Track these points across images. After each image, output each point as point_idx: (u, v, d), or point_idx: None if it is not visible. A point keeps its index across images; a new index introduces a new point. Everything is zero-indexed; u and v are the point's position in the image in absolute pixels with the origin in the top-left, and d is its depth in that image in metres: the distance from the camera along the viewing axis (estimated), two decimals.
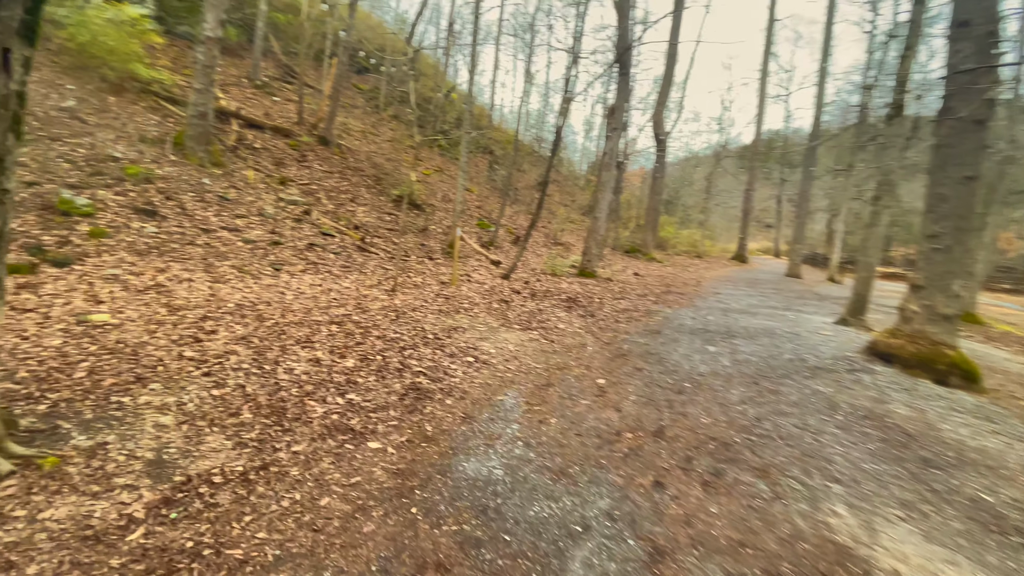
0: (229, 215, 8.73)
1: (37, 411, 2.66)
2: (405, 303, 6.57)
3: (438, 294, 7.53)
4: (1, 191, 1.92)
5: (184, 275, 6.29)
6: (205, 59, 9.74)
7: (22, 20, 1.79)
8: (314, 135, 13.94)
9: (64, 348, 3.60)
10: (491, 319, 6.49)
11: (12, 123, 1.87)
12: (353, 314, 5.61)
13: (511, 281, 9.92)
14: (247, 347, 4.13)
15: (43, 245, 5.85)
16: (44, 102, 8.69)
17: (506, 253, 13.48)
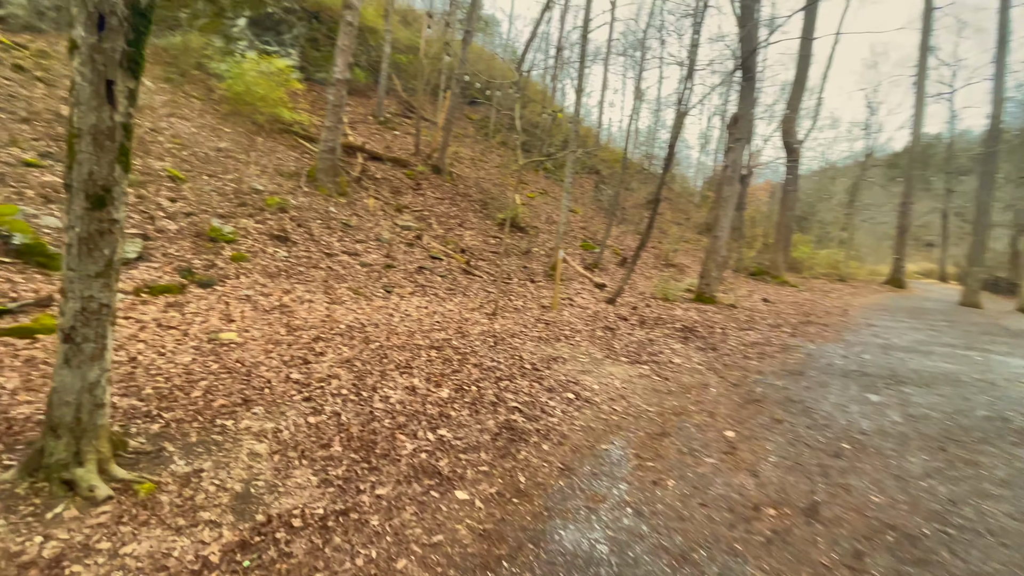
0: (350, 240, 9.33)
1: (150, 431, 2.76)
2: (504, 328, 6.33)
3: (538, 319, 7.19)
4: (110, 221, 1.97)
5: (306, 296, 6.73)
6: (335, 99, 10.70)
7: (124, 52, 1.83)
8: (428, 164, 14.68)
9: (191, 366, 3.85)
10: (595, 349, 5.97)
11: (119, 155, 1.92)
12: (453, 339, 5.48)
13: (617, 306, 9.28)
14: (349, 371, 4.12)
15: (193, 268, 6.64)
16: (205, 144, 10.13)
17: (612, 276, 12.82)
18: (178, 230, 7.36)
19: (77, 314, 2.01)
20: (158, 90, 11.50)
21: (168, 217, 7.49)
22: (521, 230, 13.42)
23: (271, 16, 15.28)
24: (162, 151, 9.15)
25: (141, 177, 8.03)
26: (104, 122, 1.82)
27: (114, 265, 2.03)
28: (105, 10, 1.74)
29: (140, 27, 1.83)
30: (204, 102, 12.16)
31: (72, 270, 1.96)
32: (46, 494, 2.07)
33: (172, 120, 10.49)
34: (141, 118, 9.81)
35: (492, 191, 15.19)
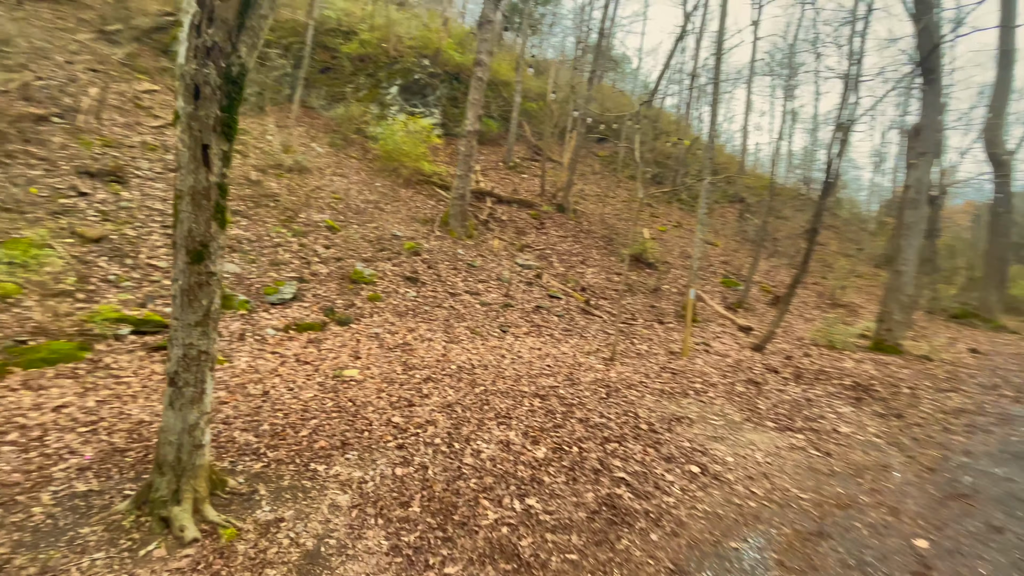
0: (473, 280, 9.62)
1: (251, 470, 2.89)
2: (621, 377, 5.75)
3: (664, 367, 6.43)
4: (208, 274, 2.10)
5: (427, 334, 6.97)
6: (465, 150, 11.39)
7: (218, 117, 1.96)
8: (553, 204, 14.79)
9: (310, 403, 4.08)
10: (732, 408, 5.06)
11: (214, 212, 2.05)
12: (561, 386, 5.10)
13: (765, 354, 7.97)
14: (448, 417, 4.00)
15: (335, 307, 7.35)
16: (358, 197, 11.46)
17: (760, 317, 11.23)
18: (328, 273, 8.27)
19: (180, 360, 2.17)
20: (325, 154, 13.46)
21: (321, 262, 8.48)
22: (649, 266, 12.61)
23: (418, 82, 17.11)
24: (323, 205, 10.54)
25: (304, 228, 9.29)
26: (200, 183, 1.97)
27: (212, 315, 2.16)
28: (200, 81, 1.90)
29: (232, 94, 1.98)
30: (360, 161, 13.91)
31: (176, 319, 2.13)
32: (146, 529, 2.20)
33: (334, 179, 12.11)
34: (309, 178, 11.52)
35: (618, 227, 14.67)
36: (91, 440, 3.02)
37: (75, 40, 11.66)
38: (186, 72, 1.88)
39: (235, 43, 1.88)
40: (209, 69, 1.87)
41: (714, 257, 14.94)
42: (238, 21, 1.86)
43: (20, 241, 6.08)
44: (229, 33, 1.86)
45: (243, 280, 7.21)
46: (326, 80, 16.25)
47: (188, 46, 1.86)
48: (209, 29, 1.83)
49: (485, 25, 11.15)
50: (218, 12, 1.82)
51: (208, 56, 1.86)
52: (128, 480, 2.62)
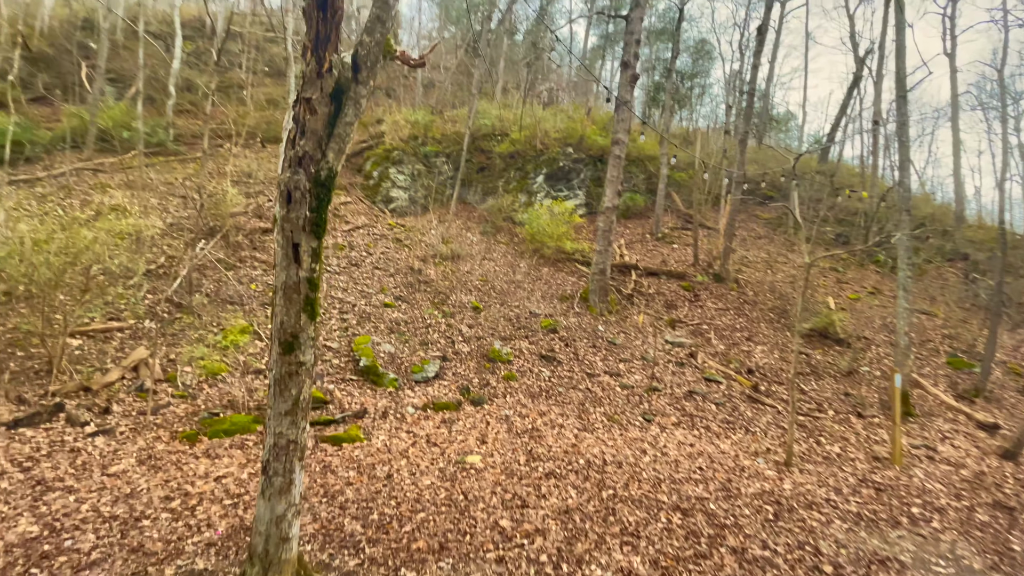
0: (614, 359, 9.00)
1: (346, 567, 2.76)
2: (799, 490, 4.48)
3: (864, 479, 4.88)
4: (298, 364, 2.16)
5: (558, 420, 6.54)
6: (604, 225, 11.27)
7: (307, 218, 2.08)
8: (709, 274, 13.56)
9: (424, 492, 3.96)
10: (969, 548, 3.48)
11: (304, 305, 2.13)
12: (712, 498, 4.14)
13: (1022, 464, 5.62)
14: (563, 527, 3.47)
15: (471, 387, 7.43)
16: (502, 278, 11.97)
17: (1010, 410, 8.20)
18: (469, 352, 8.54)
19: (271, 448, 2.21)
20: (478, 242, 14.62)
21: (464, 341, 8.83)
22: (839, 342, 10.42)
23: (562, 168, 18.00)
24: (471, 287, 11.23)
25: (452, 309, 9.91)
26: (291, 278, 2.09)
27: (301, 404, 2.19)
28: (292, 187, 2.06)
29: (321, 195, 2.11)
30: (508, 245, 14.75)
31: (270, 408, 2.20)
32: None
33: (483, 263, 12.97)
34: (461, 264, 12.50)
35: (791, 296, 12.67)
36: (229, 514, 3.29)
37: None
38: (281, 180, 2.08)
39: (324, 150, 2.04)
40: (300, 175, 2.03)
41: (932, 330, 11.78)
42: (327, 131, 2.03)
43: (233, 329, 7.52)
44: (319, 142, 2.03)
45: (395, 359, 7.80)
46: (481, 178, 18.07)
47: (284, 158, 2.06)
48: (301, 140, 2.01)
49: (621, 107, 11.34)
50: (309, 125, 2.00)
51: (300, 164, 2.03)
52: (239, 563, 2.71)
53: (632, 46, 11.09)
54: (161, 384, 5.99)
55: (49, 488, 3.47)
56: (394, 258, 11.88)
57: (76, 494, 3.46)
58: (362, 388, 6.93)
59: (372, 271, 10.99)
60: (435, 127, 18.41)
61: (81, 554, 2.74)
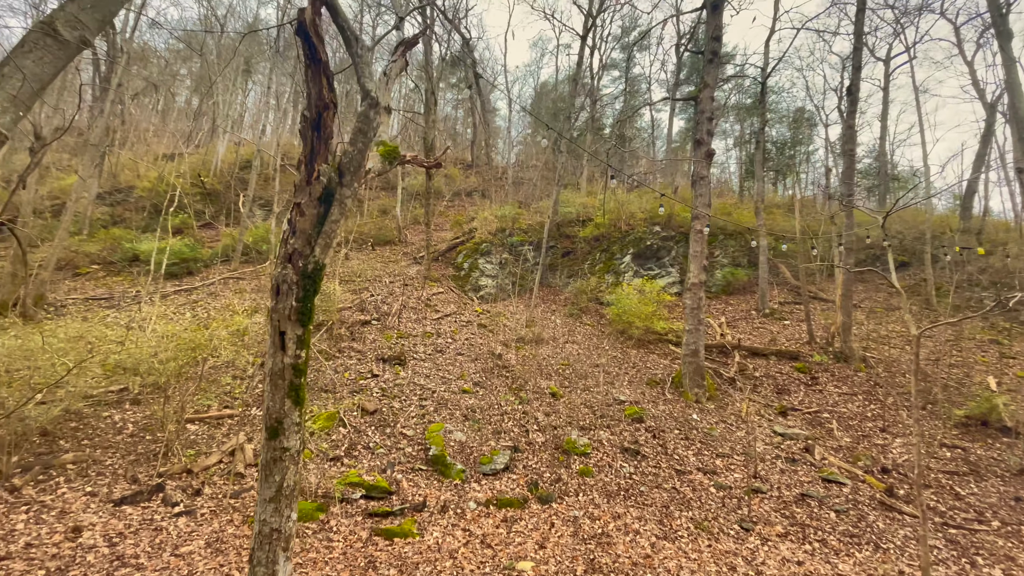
0: (709, 454, 7.95)
1: None
2: None
3: None
4: (282, 449, 2.20)
5: (634, 524, 5.75)
6: (692, 303, 10.62)
7: (293, 307, 2.23)
8: (828, 352, 11.89)
9: None
10: None
11: (288, 390, 2.22)
12: None
13: None
14: None
15: (540, 481, 6.94)
16: (585, 362, 11.54)
17: None
18: (543, 442, 8.14)
19: (255, 537, 2.21)
20: (562, 324, 14.51)
21: (539, 430, 8.47)
22: (1005, 432, 8.23)
23: (650, 247, 17.72)
24: (551, 371, 10.98)
25: (529, 396, 9.69)
26: (277, 364, 2.21)
27: (284, 491, 2.20)
28: (280, 280, 2.25)
29: (307, 287, 2.27)
30: (593, 328, 14.42)
31: (258, 495, 2.24)
32: None
33: (565, 346, 12.74)
34: (543, 348, 12.38)
35: (939, 376, 10.50)
36: None
37: (398, 266, 16.61)
38: (273, 275, 2.29)
39: (312, 246, 2.24)
40: (288, 270, 2.23)
41: None
42: (316, 229, 2.23)
43: (321, 416, 8.03)
44: (308, 239, 2.23)
45: (465, 448, 7.67)
46: (567, 262, 18.38)
47: (276, 255, 2.29)
48: (292, 239, 2.23)
49: (699, 182, 11.10)
50: (299, 225, 2.23)
51: (289, 260, 2.23)
52: None
53: (704, 124, 11.06)
54: (250, 468, 6.47)
55: (124, 564, 3.79)
56: (477, 343, 12.15)
57: (143, 572, 3.73)
58: (429, 479, 6.84)
59: (455, 357, 11.30)
60: (522, 219, 19.44)
61: None
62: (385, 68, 2.98)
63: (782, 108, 29.31)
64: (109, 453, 6.16)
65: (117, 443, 6.41)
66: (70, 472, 5.48)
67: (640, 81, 32.61)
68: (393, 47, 3.64)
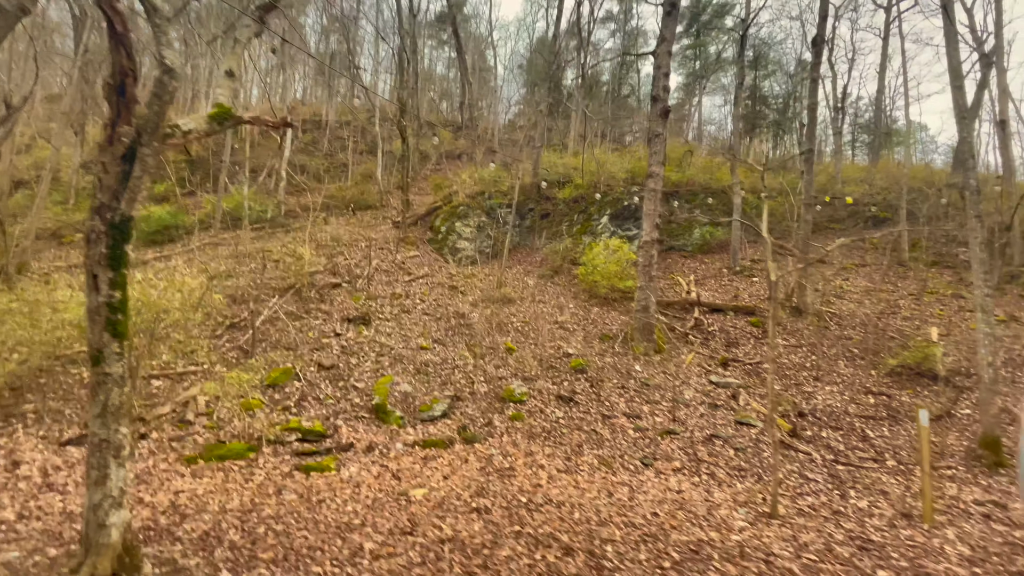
0: (640, 401, 8.39)
1: (184, 564, 3.06)
2: (748, 542, 3.73)
3: (854, 537, 3.89)
4: (104, 374, 2.62)
5: (542, 461, 6.26)
6: (643, 260, 10.86)
7: (103, 254, 2.59)
8: (785, 308, 12.11)
9: (329, 516, 4.14)
10: None
11: (106, 325, 2.61)
12: (621, 542, 3.65)
13: None
14: (417, 553, 3.39)
15: (471, 426, 7.48)
16: (548, 319, 11.92)
17: None
18: (485, 392, 8.64)
19: (89, 446, 2.66)
20: (534, 285, 14.83)
21: (485, 381, 8.96)
22: (938, 381, 8.50)
23: (627, 207, 17.75)
24: (512, 329, 11.39)
25: (484, 351, 10.15)
26: (93, 303, 2.60)
27: (109, 408, 2.64)
28: (90, 231, 2.61)
29: (115, 236, 2.62)
30: (565, 288, 14.73)
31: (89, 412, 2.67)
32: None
33: (532, 305, 13.10)
34: (511, 307, 12.75)
35: (890, 329, 10.71)
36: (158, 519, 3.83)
37: (377, 231, 16.94)
38: (85, 226, 2.65)
39: (119, 200, 2.58)
40: (96, 222, 2.58)
41: None
42: (121, 185, 2.57)
43: (279, 369, 8.57)
44: (114, 194, 2.57)
45: (408, 398, 8.19)
46: (546, 224, 18.47)
47: (89, 208, 2.64)
48: (99, 194, 2.58)
49: (654, 139, 11.11)
50: (105, 182, 2.56)
51: (98, 212, 2.59)
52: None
53: (660, 80, 10.98)
54: (201, 417, 7.07)
55: (51, 489, 4.37)
56: (445, 304, 12.55)
57: (67, 496, 4.31)
58: (368, 425, 7.39)
59: (421, 317, 11.74)
60: (503, 182, 19.46)
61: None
62: (236, 33, 3.23)
63: (779, 60, 28.29)
64: (71, 404, 6.78)
65: (80, 396, 7.03)
66: (29, 420, 6.11)
67: (637, 35, 31.55)
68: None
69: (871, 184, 18.96)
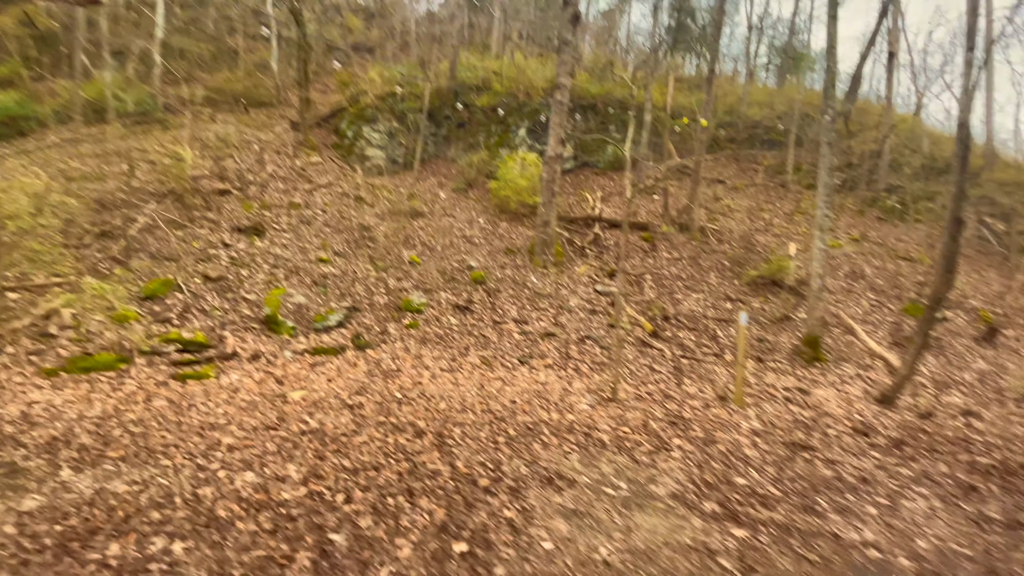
0: (531, 309, 8.98)
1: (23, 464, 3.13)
2: (586, 420, 4.43)
3: (672, 415, 4.75)
4: None
5: (428, 362, 6.72)
6: (547, 176, 11.00)
7: None
8: (675, 225, 13.03)
9: (195, 417, 4.29)
10: (677, 477, 3.36)
11: None
12: (474, 423, 4.20)
13: (896, 409, 5.23)
14: (275, 444, 3.70)
15: (365, 334, 7.73)
16: (457, 234, 12.01)
17: (952, 358, 7.54)
18: (385, 303, 8.80)
19: None
20: (447, 199, 14.66)
21: (386, 293, 9.08)
22: (788, 290, 9.83)
23: (545, 121, 17.47)
24: (418, 243, 11.38)
25: (388, 264, 10.15)
26: None
27: None
28: None
29: None
30: (478, 202, 14.69)
31: None
32: None
33: (442, 219, 13.05)
34: (420, 221, 12.63)
35: (760, 245, 11.97)
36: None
37: (272, 132, 15.52)
38: None
39: None
40: None
41: (911, 276, 10.83)
42: None
43: (158, 280, 8.11)
44: None
45: (303, 309, 8.17)
46: (463, 134, 17.80)
47: None
48: None
49: (563, 47, 10.81)
50: None
51: None
52: None
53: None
54: (66, 331, 6.66)
55: None
56: (350, 216, 12.14)
57: None
58: (258, 336, 7.37)
59: (322, 228, 11.34)
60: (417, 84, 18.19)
61: None
62: None
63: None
64: None
65: None
66: None
67: None
68: None
69: (772, 108, 19.89)
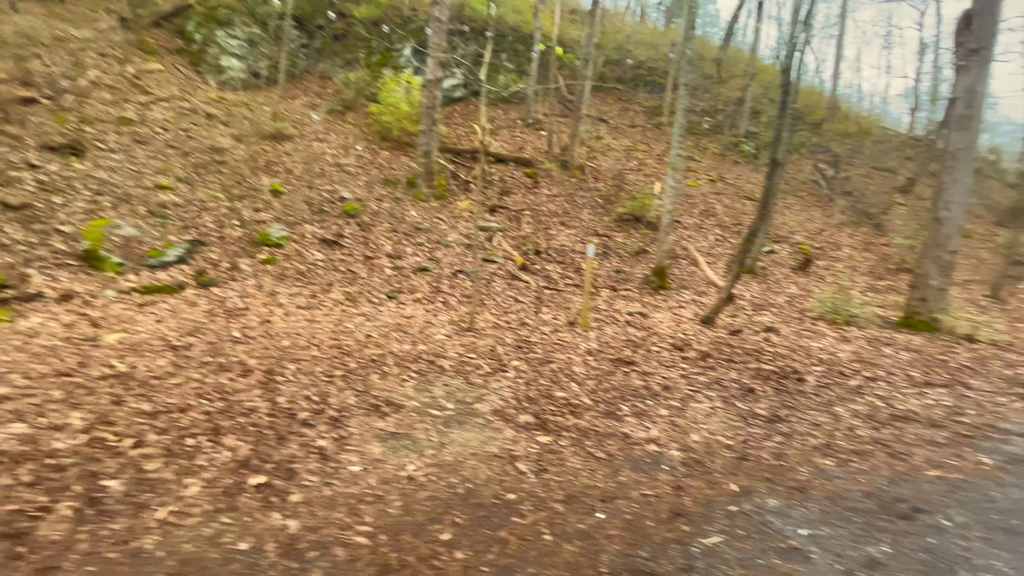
0: (408, 244, 8.75)
1: None
2: (433, 349, 4.56)
3: (518, 340, 5.06)
4: None
5: (283, 300, 6.35)
6: (427, 102, 10.42)
7: None
8: (557, 161, 13.22)
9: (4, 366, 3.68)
10: (505, 395, 3.66)
11: None
12: (322, 357, 4.11)
13: (715, 328, 6.06)
14: (76, 387, 3.33)
15: (212, 271, 7.05)
16: (329, 160, 11.08)
17: (774, 285, 8.85)
18: (239, 237, 8.00)
19: None
20: (320, 121, 13.33)
21: (241, 226, 8.23)
22: (649, 226, 10.62)
23: None
24: (283, 170, 10.32)
25: (243, 193, 9.14)
26: None
27: None
28: None
29: None
30: (355, 127, 13.56)
31: None
32: None
33: (313, 144, 11.90)
34: (286, 145, 11.41)
35: (634, 183, 12.65)
36: None
37: (95, 29, 12.72)
38: None
39: None
40: None
41: (752, 214, 12.25)
42: None
43: None
44: None
45: (132, 242, 7.16)
46: (341, 48, 16.04)
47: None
48: None
49: None
50: None
51: None
52: None
53: None
54: None
55: None
56: (200, 136, 10.59)
57: None
58: (75, 273, 6.37)
59: (163, 150, 9.80)
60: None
61: None
62: None
63: None
64: None
65: None
66: None
67: None
68: None
69: (657, 49, 20.43)
